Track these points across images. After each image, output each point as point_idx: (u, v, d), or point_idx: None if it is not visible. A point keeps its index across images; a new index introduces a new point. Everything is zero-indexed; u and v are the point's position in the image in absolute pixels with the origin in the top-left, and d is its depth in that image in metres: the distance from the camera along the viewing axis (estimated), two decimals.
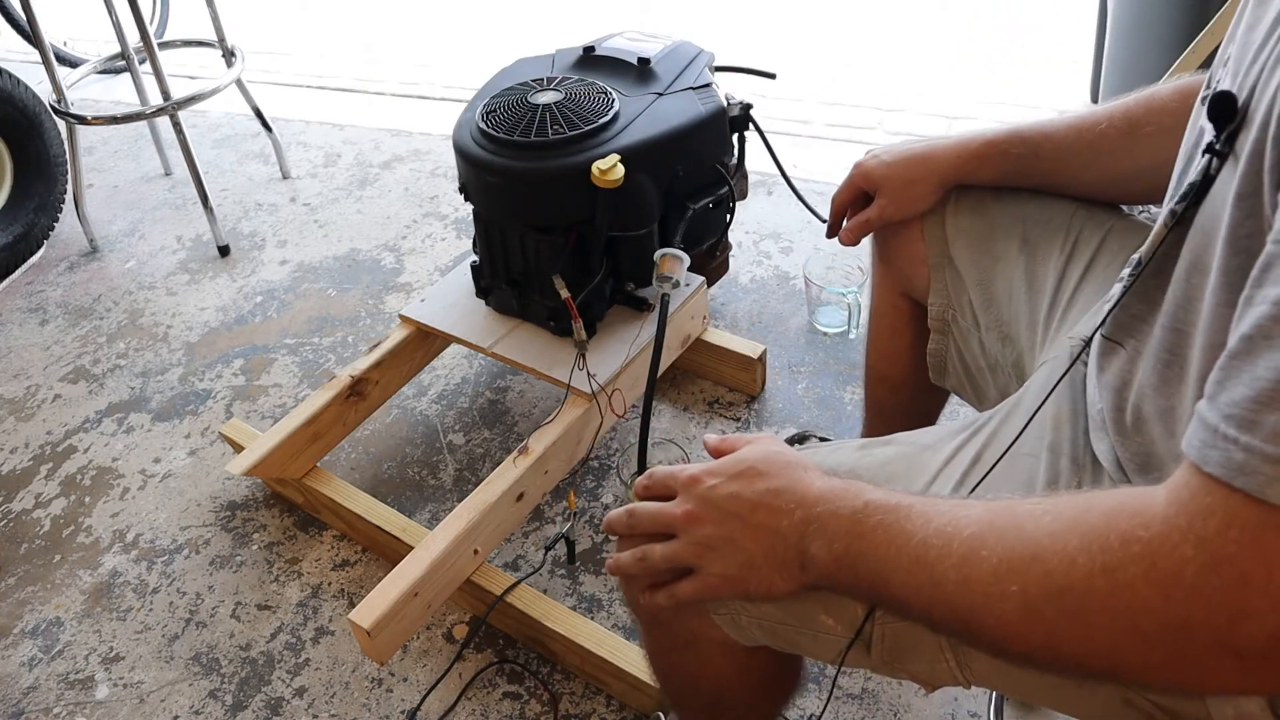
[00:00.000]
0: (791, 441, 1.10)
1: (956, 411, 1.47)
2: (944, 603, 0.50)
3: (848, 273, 1.75)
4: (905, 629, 0.66)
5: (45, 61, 2.08)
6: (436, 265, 2.11)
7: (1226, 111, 0.49)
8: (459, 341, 1.52)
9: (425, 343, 1.62)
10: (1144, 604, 0.42)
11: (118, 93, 3.06)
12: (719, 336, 1.64)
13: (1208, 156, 0.52)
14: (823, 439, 1.49)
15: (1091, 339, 0.71)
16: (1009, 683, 0.68)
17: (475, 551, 1.26)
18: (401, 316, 1.58)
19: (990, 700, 1.13)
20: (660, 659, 0.86)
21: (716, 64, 1.53)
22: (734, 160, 1.53)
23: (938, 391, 1.12)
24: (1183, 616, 0.41)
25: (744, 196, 1.62)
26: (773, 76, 1.60)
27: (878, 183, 0.94)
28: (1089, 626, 0.44)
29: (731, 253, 1.76)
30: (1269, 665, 0.40)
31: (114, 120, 2.18)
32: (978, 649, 0.54)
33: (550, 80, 1.41)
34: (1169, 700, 0.61)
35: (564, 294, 1.35)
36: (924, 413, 1.20)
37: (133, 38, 2.28)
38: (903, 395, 1.14)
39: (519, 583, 1.28)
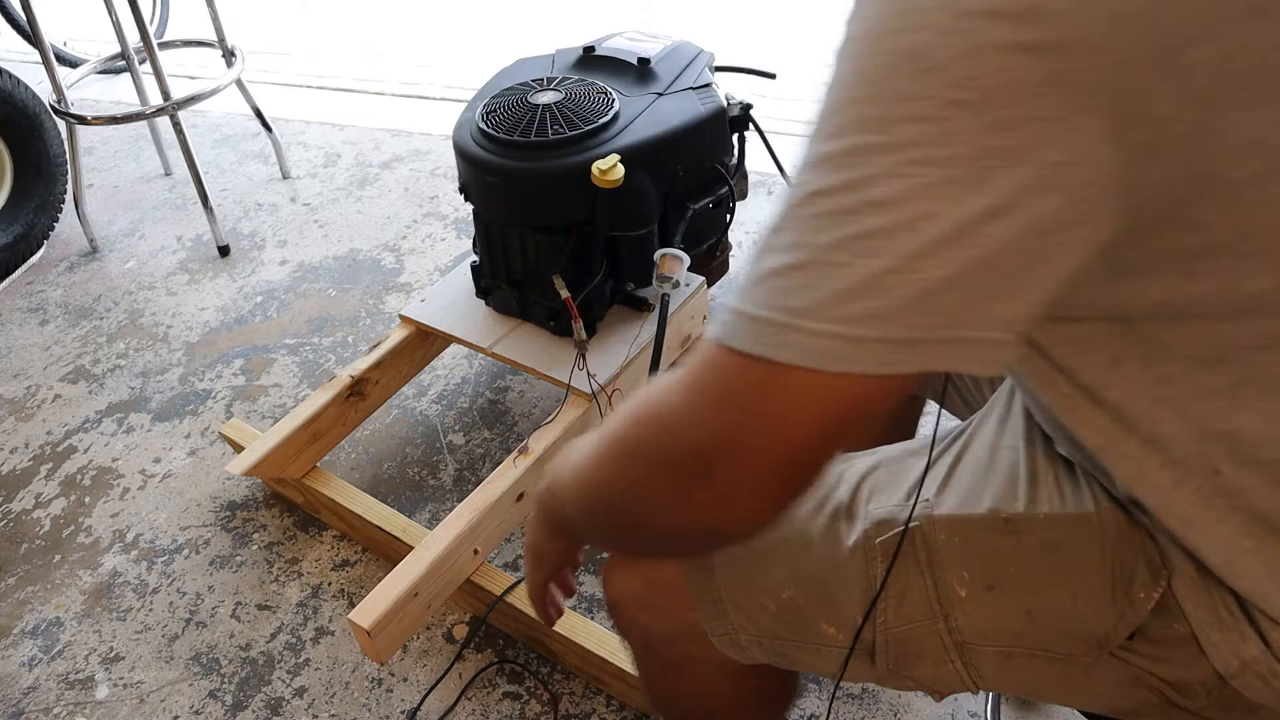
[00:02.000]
0: None
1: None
2: (570, 497, 0.60)
3: None
4: (907, 634, 0.66)
5: (45, 61, 2.08)
6: (436, 265, 2.11)
7: None
8: (459, 341, 1.52)
9: (425, 343, 1.62)
10: (648, 436, 0.50)
11: (118, 93, 3.06)
12: None
13: None
14: None
15: None
16: (1018, 683, 0.67)
17: (475, 551, 1.26)
18: (401, 316, 1.58)
19: (988, 700, 1.13)
20: (655, 684, 0.85)
21: (716, 64, 1.53)
22: (734, 160, 1.53)
23: (913, 402, 1.10)
24: (666, 440, 0.48)
25: (744, 196, 1.62)
26: (773, 76, 1.60)
27: None
28: (620, 463, 0.53)
29: (732, 253, 1.76)
30: (724, 482, 0.47)
31: (114, 120, 2.18)
32: (589, 522, 0.61)
33: (550, 80, 1.41)
34: (1169, 671, 0.61)
35: (564, 294, 1.35)
36: (901, 421, 1.20)
37: (133, 38, 2.28)
38: None
39: (518, 583, 1.28)
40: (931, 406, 1.33)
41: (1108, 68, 0.40)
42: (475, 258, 1.51)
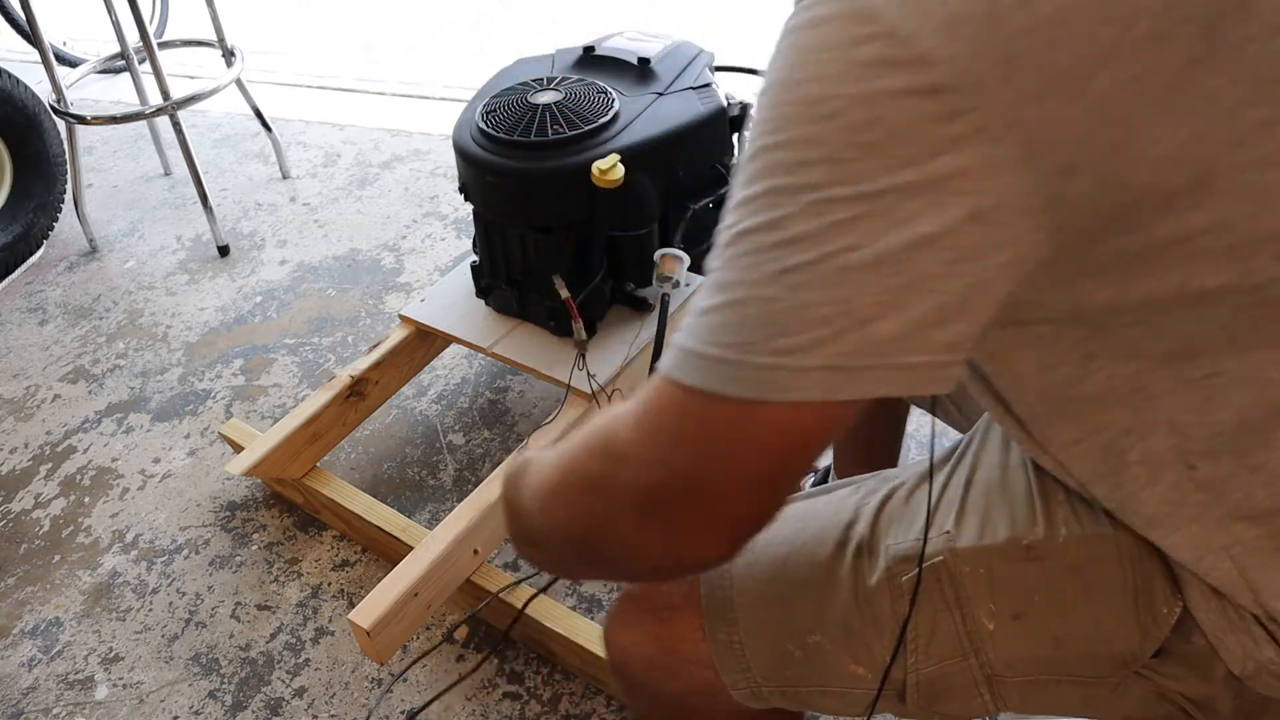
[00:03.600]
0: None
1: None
2: (534, 524, 0.59)
3: None
4: (938, 674, 0.65)
5: (45, 61, 2.08)
6: (436, 265, 2.11)
7: None
8: (459, 341, 1.52)
9: (425, 343, 1.62)
10: (602, 472, 0.51)
11: (117, 93, 3.06)
12: None
13: None
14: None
15: None
16: (1042, 706, 0.67)
17: (475, 552, 1.26)
18: (401, 316, 1.58)
19: None
20: None
21: (716, 64, 1.52)
22: (734, 160, 1.53)
23: (898, 404, 1.10)
24: (622, 478, 0.49)
25: None
26: None
27: None
28: (579, 498, 0.53)
29: None
30: (676, 517, 0.48)
31: (113, 120, 2.18)
32: (557, 555, 0.61)
33: (550, 80, 1.41)
34: (1191, 687, 0.61)
35: (564, 294, 1.35)
36: (889, 423, 1.19)
37: (132, 37, 2.28)
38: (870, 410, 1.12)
39: (519, 582, 1.28)
40: (923, 424, 1.33)
41: (1008, 103, 0.41)
42: (475, 258, 1.51)
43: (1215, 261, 0.47)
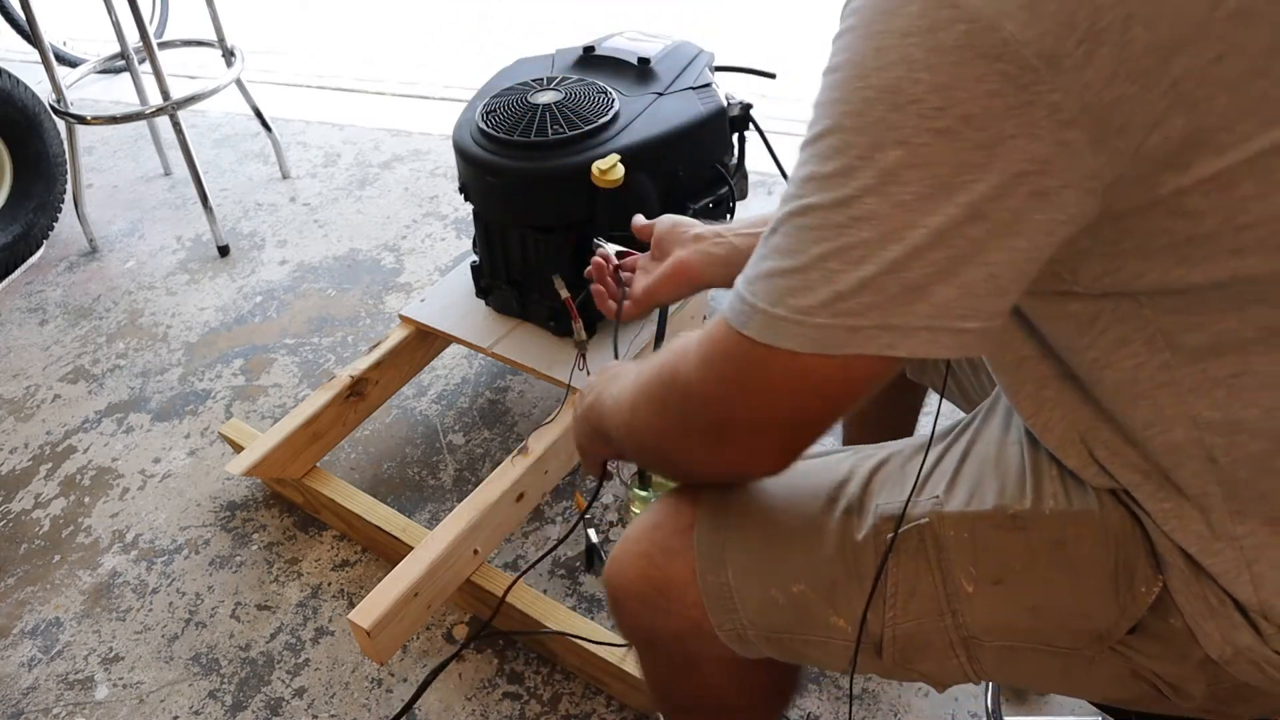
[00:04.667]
0: None
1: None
2: (613, 427, 0.71)
3: None
4: (915, 630, 0.67)
5: (45, 61, 2.08)
6: (436, 265, 2.11)
7: None
8: (459, 341, 1.52)
9: (425, 343, 1.62)
10: (675, 401, 0.60)
11: (117, 93, 3.06)
12: None
13: None
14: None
15: None
16: (1018, 674, 0.68)
17: (475, 552, 1.26)
18: (401, 316, 1.58)
19: (986, 698, 1.13)
20: (660, 682, 0.85)
21: (716, 64, 1.52)
22: (734, 160, 1.53)
23: (914, 389, 1.11)
24: (691, 408, 0.59)
25: (744, 196, 1.62)
26: (773, 76, 1.60)
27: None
28: (655, 419, 0.64)
29: None
30: (735, 442, 0.58)
31: (113, 120, 2.18)
32: (631, 454, 0.72)
33: (550, 80, 1.41)
34: (1165, 667, 0.62)
35: (564, 294, 1.35)
36: (901, 412, 1.20)
37: (132, 37, 2.28)
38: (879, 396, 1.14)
39: (518, 577, 1.28)
40: (931, 404, 1.33)
41: (1086, 84, 0.43)
42: (475, 258, 1.51)
43: (1265, 253, 0.48)
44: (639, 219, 0.99)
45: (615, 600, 0.76)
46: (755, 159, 1.62)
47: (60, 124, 2.24)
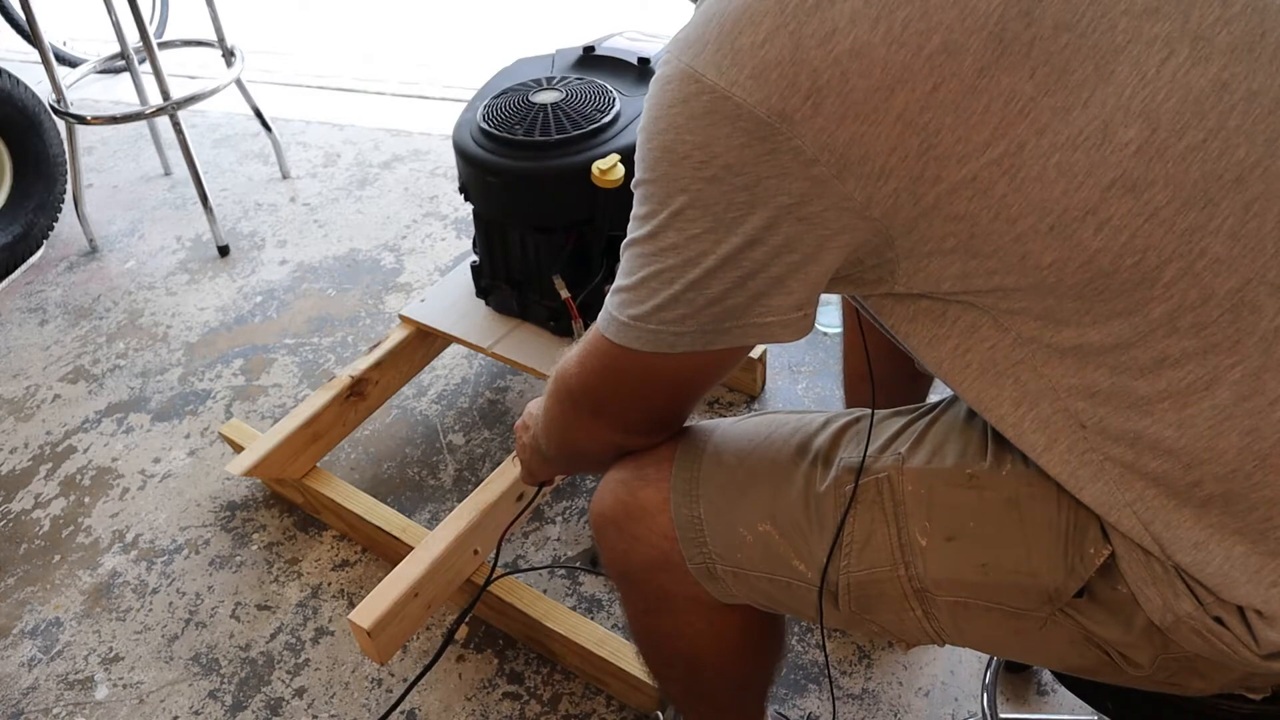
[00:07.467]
0: None
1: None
2: (541, 438, 0.85)
3: None
4: (868, 579, 0.70)
5: (45, 61, 2.08)
6: (436, 265, 2.11)
7: None
8: (459, 341, 1.52)
9: (425, 343, 1.62)
10: (564, 394, 0.75)
11: (117, 93, 3.06)
12: None
13: None
14: None
15: None
16: (977, 636, 0.70)
17: (475, 552, 1.26)
18: (401, 316, 1.58)
19: (985, 698, 1.14)
20: (638, 623, 0.88)
21: None
22: None
23: (920, 381, 1.12)
24: (575, 397, 0.74)
25: None
26: None
27: None
28: (554, 411, 0.78)
29: None
30: (610, 421, 0.75)
31: (114, 120, 2.18)
32: (553, 454, 0.85)
33: (550, 80, 1.41)
34: (1113, 633, 0.64)
35: (564, 294, 1.35)
36: (910, 400, 1.20)
37: (132, 37, 2.28)
38: (882, 393, 1.15)
39: (505, 574, 1.28)
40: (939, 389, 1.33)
41: (818, 129, 0.53)
42: (475, 258, 1.51)
43: (1043, 241, 0.54)
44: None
45: (597, 529, 0.80)
46: None
47: (60, 124, 2.24)
